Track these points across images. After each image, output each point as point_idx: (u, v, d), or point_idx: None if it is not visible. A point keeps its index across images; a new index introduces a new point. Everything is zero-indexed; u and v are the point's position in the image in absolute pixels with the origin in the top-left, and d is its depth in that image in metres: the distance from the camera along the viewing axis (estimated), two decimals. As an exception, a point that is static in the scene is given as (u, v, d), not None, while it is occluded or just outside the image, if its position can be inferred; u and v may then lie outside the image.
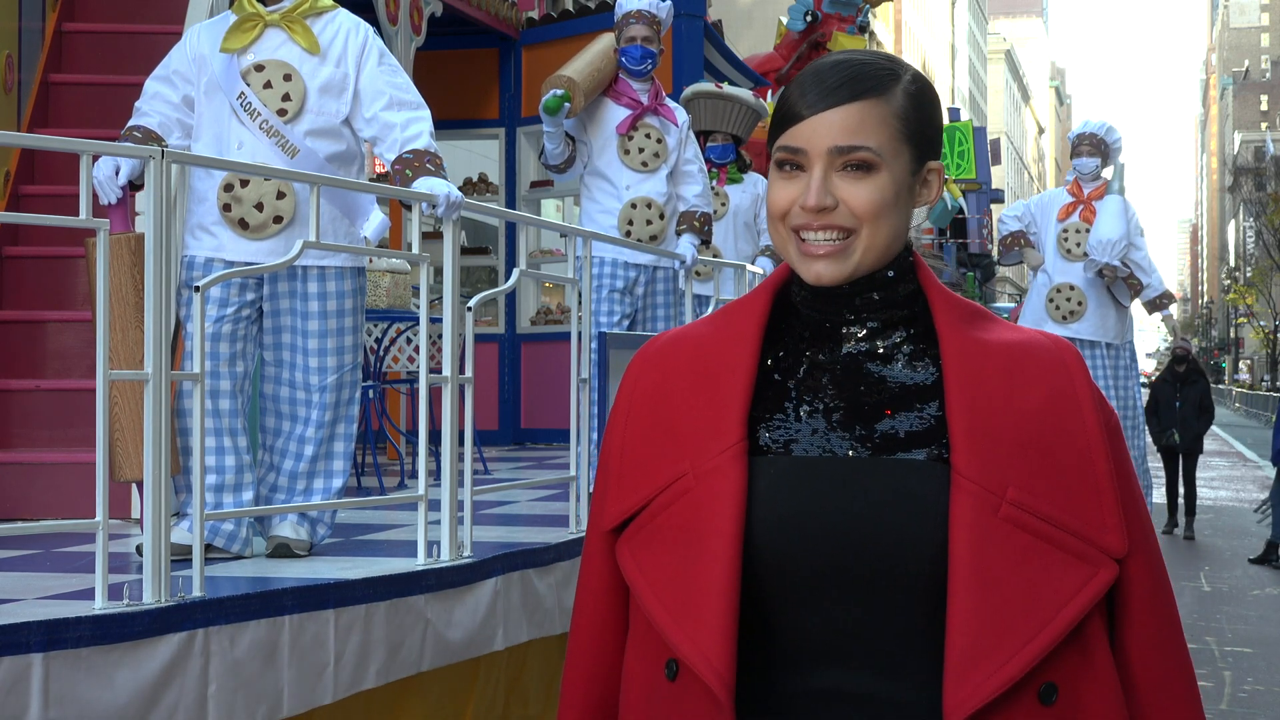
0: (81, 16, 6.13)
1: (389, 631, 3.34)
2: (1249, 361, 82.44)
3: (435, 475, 3.82)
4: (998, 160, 52.07)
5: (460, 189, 4.33)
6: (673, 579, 1.30)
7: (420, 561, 3.56)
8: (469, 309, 3.81)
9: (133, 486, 4.06)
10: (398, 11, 6.88)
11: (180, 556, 3.08)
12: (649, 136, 5.80)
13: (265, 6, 3.83)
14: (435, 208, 3.75)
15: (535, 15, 8.77)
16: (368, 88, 3.85)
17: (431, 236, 5.32)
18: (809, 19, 10.97)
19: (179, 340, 3.70)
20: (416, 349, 6.26)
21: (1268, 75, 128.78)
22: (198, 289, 3.12)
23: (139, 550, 3.22)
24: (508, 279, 6.66)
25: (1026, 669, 1.22)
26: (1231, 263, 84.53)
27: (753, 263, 7.31)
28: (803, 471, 1.30)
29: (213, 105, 3.80)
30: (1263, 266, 63.12)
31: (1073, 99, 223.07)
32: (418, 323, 5.07)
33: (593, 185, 5.86)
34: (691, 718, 1.28)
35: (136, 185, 3.60)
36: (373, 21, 5.90)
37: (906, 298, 1.36)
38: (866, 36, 11.66)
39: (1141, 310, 8.55)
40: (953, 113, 40.22)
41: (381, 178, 5.37)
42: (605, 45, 5.88)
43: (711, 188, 6.77)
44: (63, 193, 5.18)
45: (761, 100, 7.71)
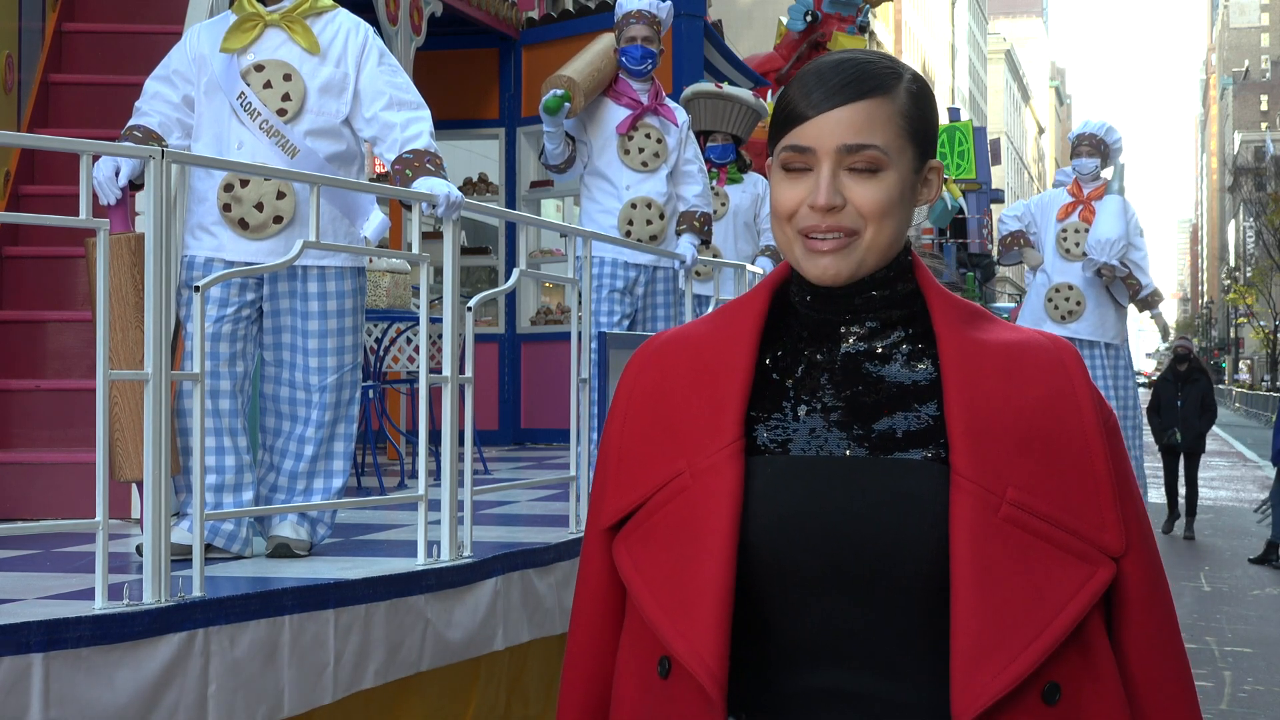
0: (81, 16, 6.13)
1: (389, 631, 3.34)
2: (1249, 361, 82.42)
3: (435, 475, 3.82)
4: (998, 160, 52.07)
5: (460, 189, 4.33)
6: (668, 577, 1.30)
7: (420, 561, 3.56)
8: (469, 309, 3.81)
9: (133, 486, 4.06)
10: (398, 11, 6.88)
11: (180, 556, 3.08)
12: (649, 136, 5.80)
13: (265, 6, 3.83)
14: (435, 208, 3.75)
15: (535, 15, 8.77)
16: (368, 88, 3.85)
17: (431, 236, 5.32)
18: (809, 19, 10.97)
19: (179, 340, 3.70)
20: (416, 349, 6.26)
21: (1268, 75, 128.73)
22: (198, 289, 3.12)
23: (139, 550, 3.22)
24: (508, 279, 6.65)
25: (1031, 668, 1.22)
26: (1231, 263, 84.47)
27: (753, 263, 7.31)
28: (800, 471, 1.30)
29: (213, 105, 3.80)
30: (1263, 266, 63.09)
31: (1073, 99, 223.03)
32: (418, 323, 5.07)
33: (593, 185, 5.86)
34: (683, 715, 1.28)
35: (136, 185, 3.59)
36: (373, 21, 5.90)
37: (905, 297, 1.36)
38: (866, 36, 11.66)
39: (1134, 309, 8.55)
40: (953, 113, 40.22)
41: (381, 178, 5.37)
42: (605, 45, 5.89)
43: (711, 188, 6.77)
44: (63, 193, 5.17)
45: (761, 100, 7.71)
